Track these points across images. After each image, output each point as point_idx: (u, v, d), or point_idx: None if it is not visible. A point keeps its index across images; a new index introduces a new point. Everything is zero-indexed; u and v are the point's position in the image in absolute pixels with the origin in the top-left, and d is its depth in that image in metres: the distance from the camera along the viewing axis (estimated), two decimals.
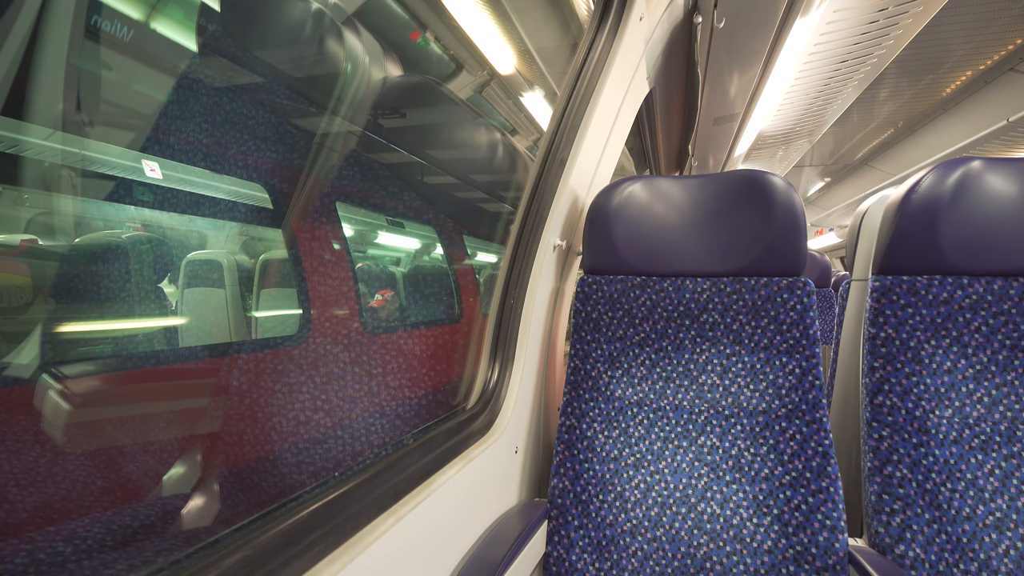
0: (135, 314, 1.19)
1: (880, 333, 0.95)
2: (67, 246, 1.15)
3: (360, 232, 2.66)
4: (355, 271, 1.55)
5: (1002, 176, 0.91)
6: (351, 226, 1.82)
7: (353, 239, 1.90)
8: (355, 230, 2.16)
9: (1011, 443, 0.87)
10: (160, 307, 1.27)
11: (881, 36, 1.87)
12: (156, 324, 1.28)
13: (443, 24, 2.02)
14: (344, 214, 1.53)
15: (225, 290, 1.59)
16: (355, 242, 2.24)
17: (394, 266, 3.08)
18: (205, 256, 1.66)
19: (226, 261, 1.63)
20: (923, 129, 3.86)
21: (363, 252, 2.68)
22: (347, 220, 1.58)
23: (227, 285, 1.58)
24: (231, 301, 1.59)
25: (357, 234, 2.55)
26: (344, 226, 1.51)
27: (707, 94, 2.18)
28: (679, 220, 1.05)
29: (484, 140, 2.05)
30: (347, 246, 1.50)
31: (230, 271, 1.62)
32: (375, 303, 1.81)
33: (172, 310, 1.54)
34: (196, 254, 1.66)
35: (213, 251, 1.67)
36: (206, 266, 1.62)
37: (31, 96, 0.91)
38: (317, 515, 0.57)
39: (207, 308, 1.58)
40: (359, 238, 2.67)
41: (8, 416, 0.92)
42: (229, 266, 1.63)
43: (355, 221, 2.05)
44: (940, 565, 0.83)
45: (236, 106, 1.27)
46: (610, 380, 1.04)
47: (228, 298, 1.59)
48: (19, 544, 0.78)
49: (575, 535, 0.96)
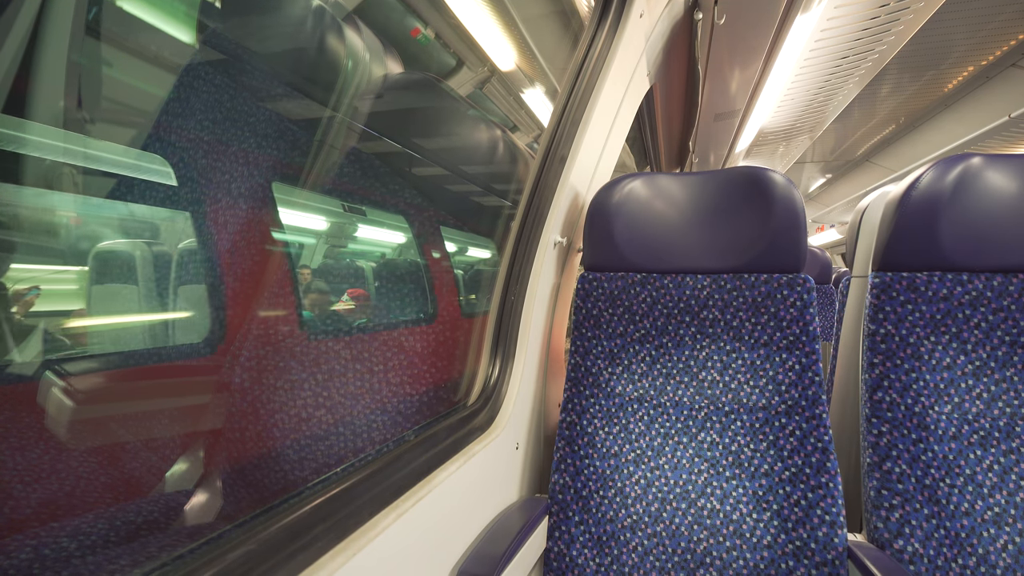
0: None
1: (880, 329, 0.95)
2: None
3: (311, 220, 2.26)
4: (294, 264, 1.35)
5: (1002, 173, 0.91)
6: (296, 211, 1.55)
7: (299, 228, 1.64)
8: (302, 217, 1.81)
9: (1010, 439, 0.87)
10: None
11: (882, 32, 1.87)
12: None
13: (444, 21, 2.02)
14: (284, 197, 1.31)
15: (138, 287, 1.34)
16: (302, 232, 1.88)
17: (357, 260, 2.54)
18: (113, 247, 1.37)
19: (139, 253, 1.37)
20: (925, 125, 3.86)
21: (315, 243, 2.41)
22: (288, 204, 1.37)
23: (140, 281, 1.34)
24: (143, 299, 1.35)
25: (308, 222, 2.14)
26: (283, 211, 1.30)
27: (708, 90, 2.18)
28: (679, 217, 1.05)
29: (464, 124, 1.92)
30: (287, 236, 1.29)
31: (144, 264, 1.36)
32: (327, 302, 1.58)
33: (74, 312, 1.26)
34: (105, 244, 1.37)
35: (124, 240, 1.40)
36: (115, 258, 1.35)
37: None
38: (320, 510, 0.58)
39: (116, 308, 1.35)
40: (309, 227, 2.28)
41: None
42: (143, 258, 1.37)
43: (302, 207, 1.67)
44: (939, 560, 0.84)
45: None
46: (610, 376, 1.05)
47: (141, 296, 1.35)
48: (24, 540, 0.78)
49: (576, 531, 0.96)
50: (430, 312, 1.44)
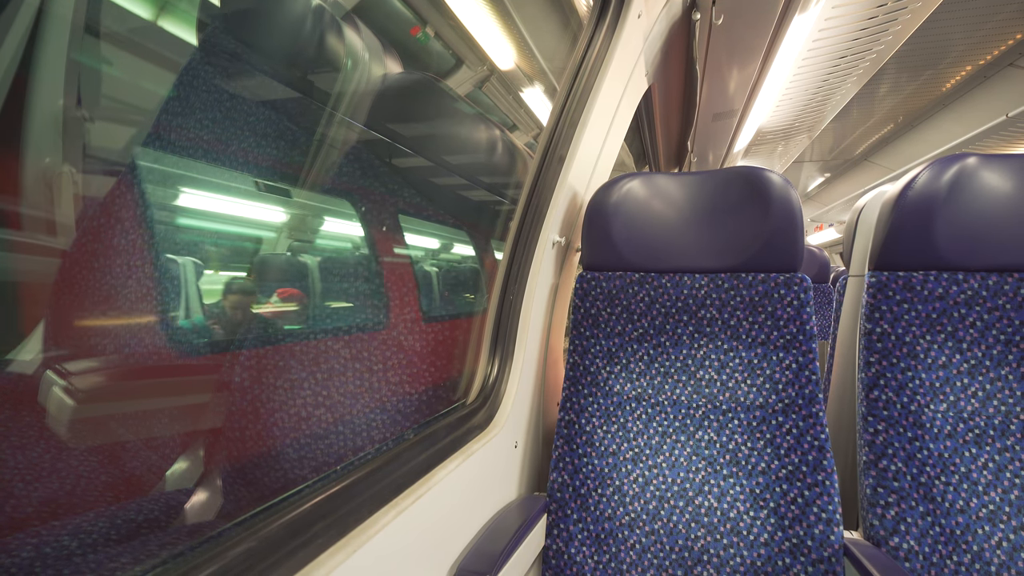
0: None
1: (876, 328, 0.96)
2: None
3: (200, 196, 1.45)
4: (157, 251, 1.03)
5: (997, 172, 0.92)
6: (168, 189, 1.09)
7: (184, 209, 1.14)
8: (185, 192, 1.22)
9: (1004, 437, 0.88)
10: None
11: (880, 32, 1.87)
12: None
13: (443, 19, 2.02)
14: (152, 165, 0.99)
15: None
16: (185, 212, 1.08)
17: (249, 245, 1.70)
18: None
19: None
20: (923, 124, 3.87)
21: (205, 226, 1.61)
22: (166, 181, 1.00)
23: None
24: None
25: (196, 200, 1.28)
26: (150, 190, 0.97)
27: (706, 90, 2.19)
28: (677, 216, 1.06)
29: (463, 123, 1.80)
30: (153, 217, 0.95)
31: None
32: (227, 302, 1.26)
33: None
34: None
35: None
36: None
37: None
38: (320, 508, 0.58)
39: None
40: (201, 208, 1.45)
41: None
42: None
43: (191, 181, 1.20)
44: (934, 557, 0.85)
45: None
46: (609, 375, 1.05)
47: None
48: (25, 538, 0.78)
49: (574, 528, 0.97)
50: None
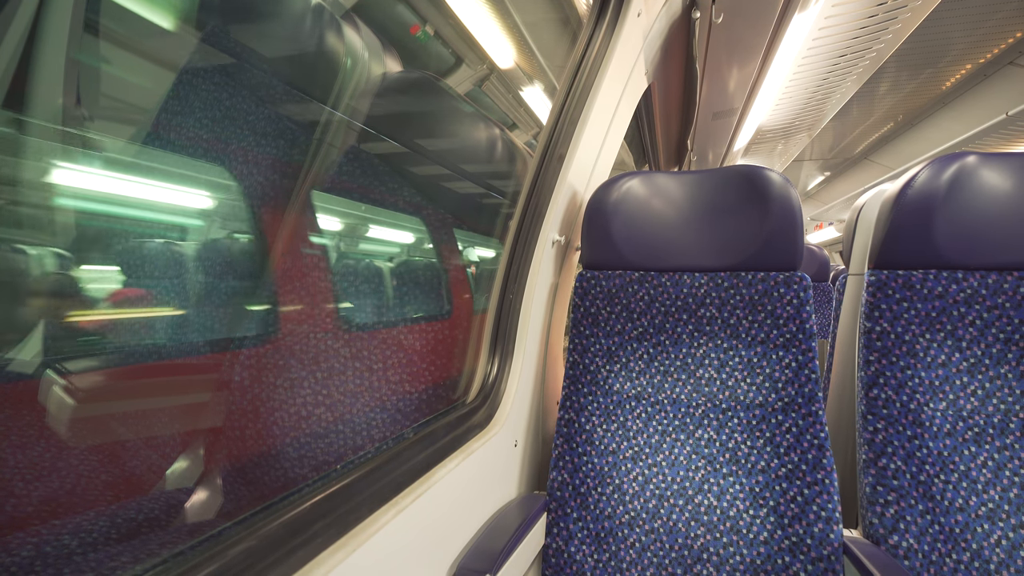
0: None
1: (875, 327, 0.96)
2: None
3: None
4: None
5: (997, 171, 0.92)
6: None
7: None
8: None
9: (1004, 435, 0.88)
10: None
11: (880, 30, 1.87)
12: None
13: (443, 18, 2.02)
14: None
15: None
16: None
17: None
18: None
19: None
20: (923, 123, 3.86)
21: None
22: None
23: None
24: None
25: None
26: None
27: (706, 89, 2.18)
28: (677, 215, 1.06)
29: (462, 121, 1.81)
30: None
31: None
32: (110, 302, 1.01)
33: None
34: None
35: None
36: None
37: None
38: (320, 507, 0.58)
39: None
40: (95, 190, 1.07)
41: None
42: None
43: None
44: (933, 555, 0.85)
45: None
46: (608, 374, 1.05)
47: None
48: (26, 537, 0.79)
49: (574, 527, 0.97)
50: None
